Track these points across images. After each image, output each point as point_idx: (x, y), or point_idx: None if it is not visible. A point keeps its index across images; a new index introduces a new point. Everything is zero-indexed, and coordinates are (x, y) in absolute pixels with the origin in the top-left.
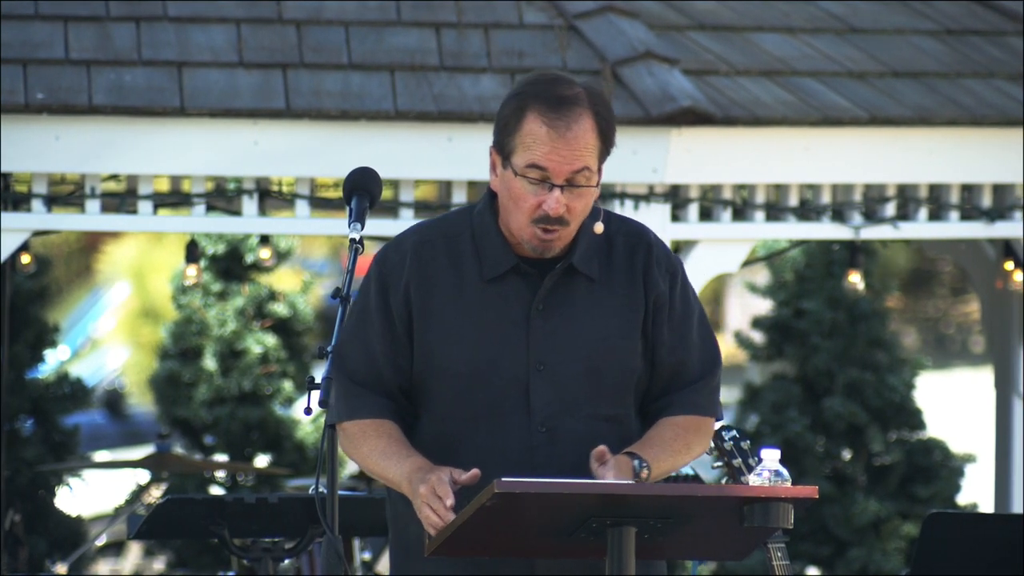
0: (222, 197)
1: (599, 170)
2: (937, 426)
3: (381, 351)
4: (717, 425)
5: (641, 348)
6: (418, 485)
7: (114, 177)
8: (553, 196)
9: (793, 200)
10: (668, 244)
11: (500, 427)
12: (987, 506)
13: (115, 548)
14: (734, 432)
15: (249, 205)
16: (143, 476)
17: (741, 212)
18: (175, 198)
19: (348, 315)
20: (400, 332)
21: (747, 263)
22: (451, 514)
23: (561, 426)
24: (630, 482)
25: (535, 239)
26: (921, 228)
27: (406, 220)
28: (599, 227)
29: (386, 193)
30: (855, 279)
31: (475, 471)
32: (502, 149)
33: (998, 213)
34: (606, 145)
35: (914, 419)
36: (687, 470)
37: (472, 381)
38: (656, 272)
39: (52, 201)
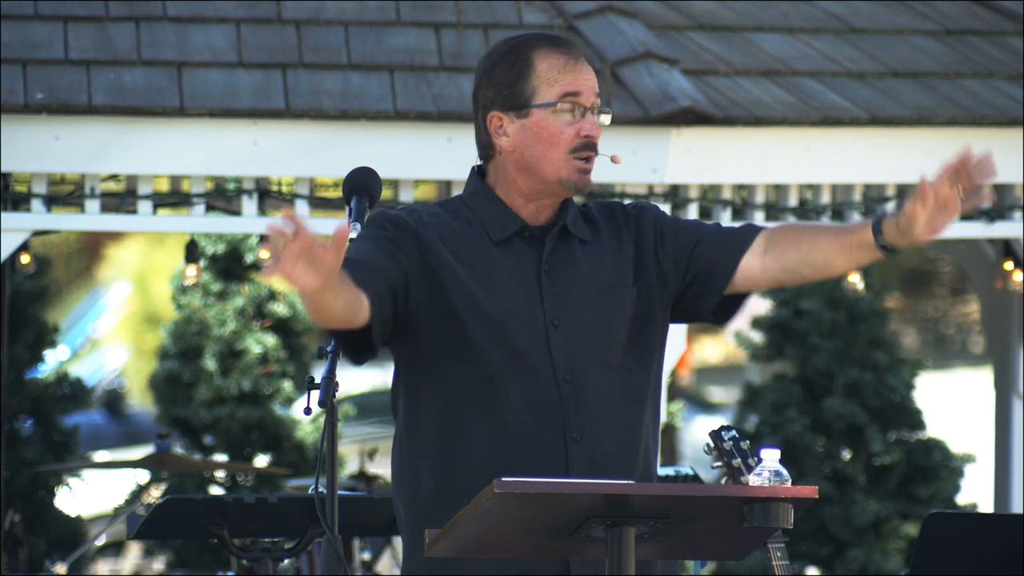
0: (222, 197)
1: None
2: (937, 426)
3: (371, 252)
4: (716, 425)
5: (643, 297)
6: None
7: (114, 177)
8: (588, 120)
9: (793, 200)
10: None
11: (529, 377)
12: (987, 506)
13: (115, 548)
14: (734, 432)
15: (249, 205)
16: (143, 476)
17: (741, 212)
18: (175, 198)
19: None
20: (394, 250)
21: None
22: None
23: (582, 377)
24: (630, 482)
25: (575, 172)
26: None
27: None
28: (618, 157)
29: (386, 193)
30: (855, 279)
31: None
32: (515, 101)
33: (998, 213)
34: (601, 86)
35: (914, 419)
36: (686, 470)
37: (499, 332)
38: (632, 212)
39: (52, 201)
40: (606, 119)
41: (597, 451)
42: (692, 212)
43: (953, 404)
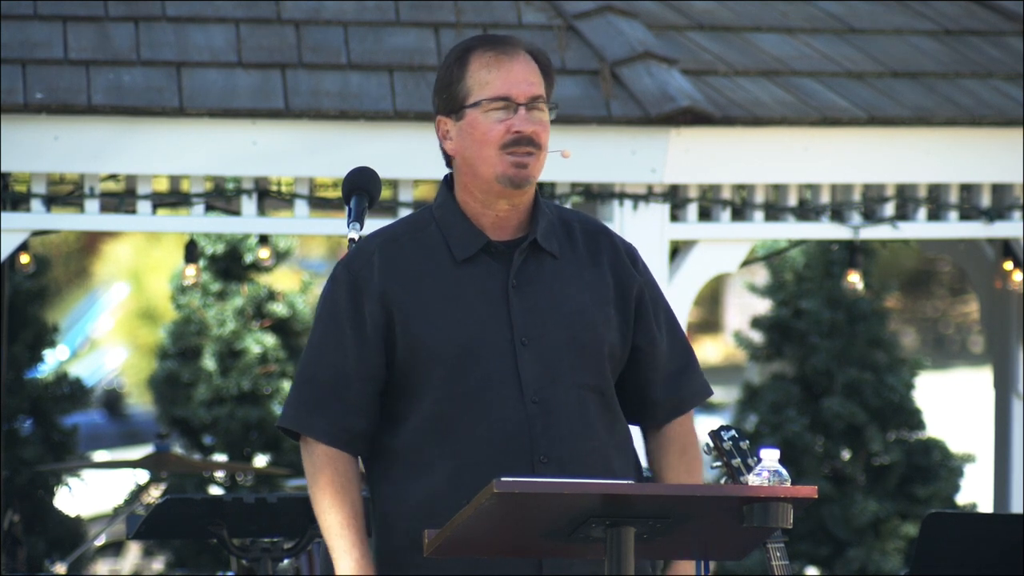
0: (221, 197)
1: (549, 107)
2: (936, 426)
3: (352, 358)
4: (716, 425)
5: (618, 324)
6: None
7: (113, 177)
8: (520, 116)
9: (792, 200)
10: (667, 244)
11: (494, 402)
12: (986, 506)
13: (114, 548)
14: (733, 432)
15: (248, 205)
16: (142, 476)
17: (740, 212)
18: (174, 198)
19: (315, 323)
20: (372, 337)
21: (746, 263)
22: None
23: (552, 397)
24: (630, 482)
25: (510, 167)
26: (920, 228)
27: None
28: (567, 152)
29: (385, 193)
30: (854, 279)
31: None
32: (453, 104)
33: (997, 213)
34: (549, 81)
35: (913, 419)
36: None
37: (461, 361)
38: (624, 259)
39: (51, 201)
40: (542, 116)
41: (565, 472)
42: (692, 212)
43: (952, 404)
